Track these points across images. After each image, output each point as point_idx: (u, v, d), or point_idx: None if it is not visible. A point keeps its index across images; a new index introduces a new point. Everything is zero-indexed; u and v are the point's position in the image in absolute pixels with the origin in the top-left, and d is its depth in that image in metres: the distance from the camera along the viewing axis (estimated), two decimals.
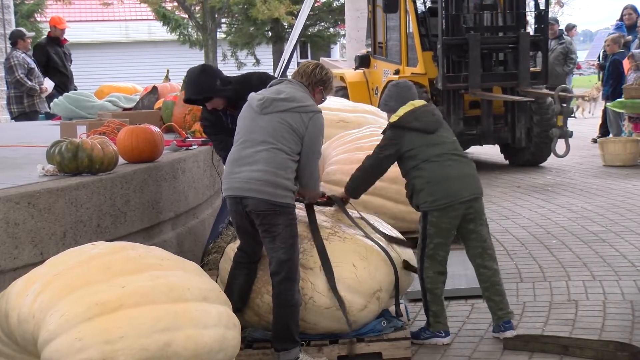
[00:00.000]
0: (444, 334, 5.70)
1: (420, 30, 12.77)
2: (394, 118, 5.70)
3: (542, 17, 12.65)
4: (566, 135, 11.60)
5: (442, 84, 11.97)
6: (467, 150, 13.28)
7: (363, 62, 14.15)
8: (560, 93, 11.64)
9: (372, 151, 5.83)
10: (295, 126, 5.19)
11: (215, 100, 6.00)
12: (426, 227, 5.62)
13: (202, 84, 5.94)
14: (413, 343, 5.63)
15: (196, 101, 6.11)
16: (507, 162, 13.42)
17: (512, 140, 12.52)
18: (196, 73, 6.01)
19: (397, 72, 12.89)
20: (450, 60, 12.15)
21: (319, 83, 5.45)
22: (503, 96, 12.23)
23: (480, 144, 12.86)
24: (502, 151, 13.46)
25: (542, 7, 12.74)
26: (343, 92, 14.08)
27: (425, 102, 5.83)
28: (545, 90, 12.29)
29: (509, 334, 5.66)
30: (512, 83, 12.25)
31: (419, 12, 13.12)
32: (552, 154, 12.18)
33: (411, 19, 12.79)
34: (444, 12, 12.00)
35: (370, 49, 14.27)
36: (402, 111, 5.69)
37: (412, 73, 12.57)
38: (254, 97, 5.34)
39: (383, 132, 5.88)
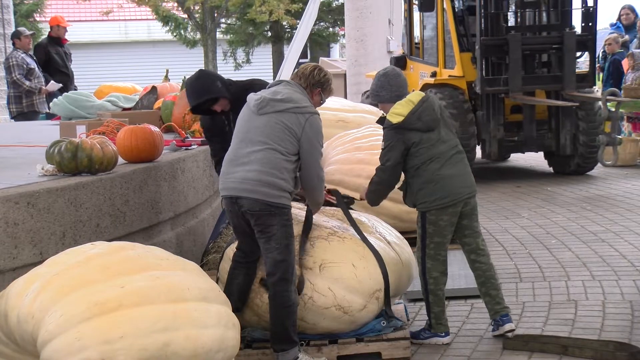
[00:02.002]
0: (444, 334, 5.71)
1: (458, 30, 12.00)
2: (397, 118, 5.56)
3: (589, 14, 11.58)
4: (614, 142, 10.63)
5: (480, 87, 11.23)
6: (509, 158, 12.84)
7: (399, 64, 13.18)
8: (609, 97, 10.76)
9: (378, 158, 5.71)
10: (291, 127, 5.19)
11: (221, 102, 6.00)
12: (425, 226, 5.62)
13: (201, 87, 5.94)
14: (412, 343, 5.64)
15: (202, 108, 6.08)
16: (551, 170, 12.50)
17: (557, 148, 11.70)
18: (192, 80, 6.05)
19: (434, 74, 12.24)
20: (490, 62, 11.44)
21: (317, 85, 5.44)
22: (546, 100, 11.53)
23: (522, 152, 12.07)
24: (547, 159, 12.55)
25: (590, 3, 11.61)
26: None
27: (423, 95, 5.70)
28: (592, 94, 11.58)
29: (508, 326, 5.65)
30: (556, 86, 11.40)
31: (457, 10, 12.26)
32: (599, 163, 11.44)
33: (448, 17, 12.04)
34: (482, 10, 11.20)
35: (405, 50, 13.57)
36: (404, 110, 5.55)
37: (449, 76, 11.96)
38: (252, 97, 5.34)
39: (378, 122, 5.80)
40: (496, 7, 11.38)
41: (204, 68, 31.90)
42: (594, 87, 11.82)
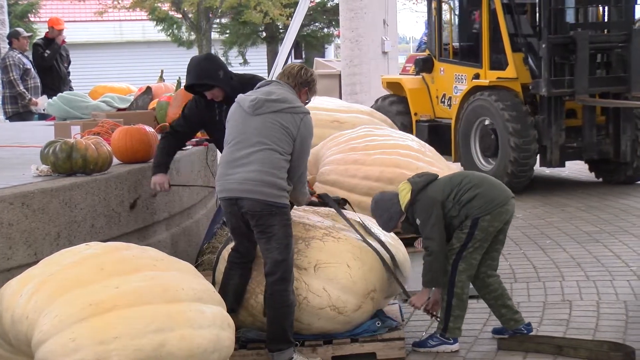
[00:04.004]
0: (452, 341, 5.57)
1: (508, 29, 11.12)
2: (406, 198, 5.48)
3: None
4: None
5: (546, 89, 10.41)
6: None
7: (426, 66, 12.38)
8: None
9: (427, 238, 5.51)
10: (287, 127, 5.20)
11: (215, 91, 5.93)
12: (474, 232, 5.43)
13: (205, 70, 5.89)
14: (416, 351, 5.58)
15: (196, 89, 6.02)
16: (597, 179, 11.66)
17: (615, 154, 10.86)
18: (200, 59, 6.02)
19: (476, 76, 11.41)
20: (553, 62, 10.56)
21: (304, 84, 5.45)
22: (619, 102, 10.66)
23: (582, 158, 11.24)
24: (592, 168, 11.62)
25: None
26: (395, 99, 12.77)
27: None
28: None
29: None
30: (622, 88, 10.66)
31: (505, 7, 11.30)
32: None
33: (498, 15, 11.11)
34: (549, 4, 10.46)
35: (433, 51, 12.47)
36: (404, 192, 5.51)
37: (498, 77, 11.14)
38: (244, 98, 5.34)
39: (404, 229, 5.66)
40: (557, 2, 10.63)
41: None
42: None
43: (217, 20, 33.72)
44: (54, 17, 14.30)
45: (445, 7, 12.59)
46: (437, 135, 12.00)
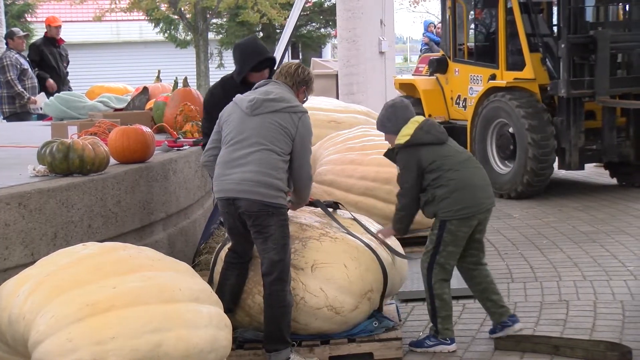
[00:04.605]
0: (449, 341, 5.58)
1: (526, 28, 10.89)
2: (404, 138, 5.50)
3: None
4: None
5: (566, 90, 10.12)
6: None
7: (440, 67, 12.16)
8: None
9: (398, 186, 5.61)
10: (285, 126, 5.20)
11: (265, 72, 6.20)
12: (442, 235, 5.47)
13: (264, 47, 6.33)
14: (413, 351, 5.58)
15: (256, 68, 6.18)
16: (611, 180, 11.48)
17: (636, 157, 10.63)
18: (255, 39, 6.48)
19: (493, 77, 11.18)
20: (572, 63, 10.27)
21: (302, 83, 5.45)
22: None
23: (601, 161, 11.01)
24: (612, 171, 11.33)
25: None
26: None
27: (424, 118, 5.68)
28: None
29: (518, 326, 5.59)
30: None
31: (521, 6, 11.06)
32: None
33: (515, 15, 10.89)
34: (568, 3, 10.20)
35: (447, 52, 12.21)
36: (409, 130, 5.51)
37: (515, 78, 10.90)
38: (242, 98, 5.34)
39: (386, 155, 5.70)
40: (577, 1, 10.33)
41: (196, 65, 31.93)
42: None
43: (214, 21, 33.71)
44: (50, 16, 14.31)
45: (459, 5, 12.24)
46: (451, 137, 11.62)
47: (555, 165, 10.67)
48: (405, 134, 5.51)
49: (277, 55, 16.95)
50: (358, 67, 16.19)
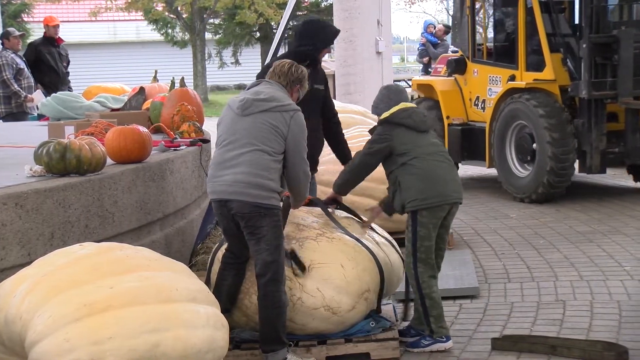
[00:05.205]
0: (445, 339, 5.60)
1: (546, 28, 10.59)
2: (385, 114, 5.69)
3: None
4: None
5: (587, 91, 9.85)
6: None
7: (459, 67, 11.78)
8: None
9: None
10: (277, 126, 5.19)
11: (327, 49, 6.65)
12: (416, 228, 5.55)
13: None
14: (409, 351, 5.59)
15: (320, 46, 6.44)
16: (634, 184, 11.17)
17: None
18: (321, 20, 6.95)
19: (512, 78, 10.87)
20: (593, 63, 9.98)
21: (296, 81, 5.45)
22: None
23: (624, 164, 10.70)
24: (634, 173, 11.01)
25: None
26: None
27: (414, 105, 5.82)
28: None
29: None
30: None
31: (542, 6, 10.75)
32: None
33: (536, 14, 10.59)
34: (590, 1, 9.90)
35: (466, 52, 11.85)
36: (393, 109, 5.69)
37: (535, 79, 10.61)
38: (234, 100, 5.36)
39: (370, 132, 5.84)
40: (599, 0, 10.03)
41: (193, 65, 31.89)
42: None
43: (211, 21, 33.71)
44: (47, 16, 14.31)
45: (478, 5, 12.03)
46: (470, 139, 11.48)
47: (576, 168, 10.44)
48: (389, 111, 5.70)
49: (270, 54, 16.94)
50: (355, 67, 16.19)
